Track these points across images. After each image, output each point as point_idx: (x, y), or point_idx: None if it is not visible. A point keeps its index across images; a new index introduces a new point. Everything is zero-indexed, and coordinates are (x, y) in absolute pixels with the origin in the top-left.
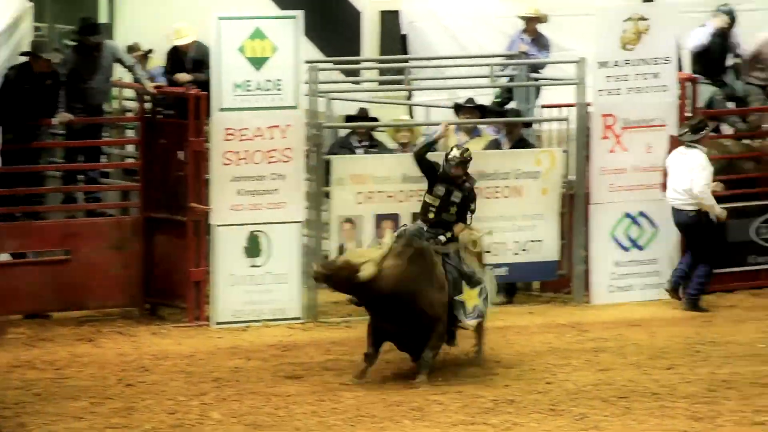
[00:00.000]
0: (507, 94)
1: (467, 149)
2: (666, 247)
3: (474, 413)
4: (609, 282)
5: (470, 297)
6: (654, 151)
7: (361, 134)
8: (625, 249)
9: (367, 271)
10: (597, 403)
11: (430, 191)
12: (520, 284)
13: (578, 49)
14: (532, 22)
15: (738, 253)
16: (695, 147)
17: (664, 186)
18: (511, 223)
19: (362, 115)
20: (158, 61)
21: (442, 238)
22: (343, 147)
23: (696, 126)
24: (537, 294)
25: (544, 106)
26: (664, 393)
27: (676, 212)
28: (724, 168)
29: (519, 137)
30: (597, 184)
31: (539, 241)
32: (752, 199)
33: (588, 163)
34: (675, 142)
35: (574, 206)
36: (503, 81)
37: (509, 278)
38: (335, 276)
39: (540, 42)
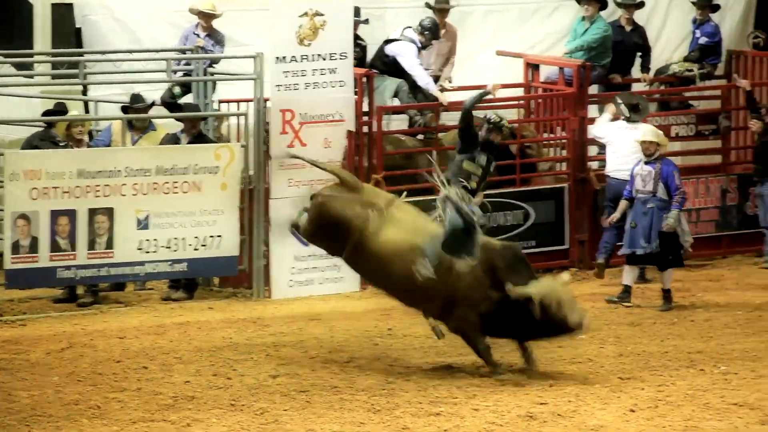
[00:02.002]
0: (184, 88)
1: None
2: None
3: (153, 410)
4: (289, 277)
5: None
6: (333, 146)
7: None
8: (305, 244)
9: None
10: (277, 397)
11: (471, 159)
12: (200, 280)
13: (256, 44)
14: (207, 18)
15: None
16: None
17: None
18: (191, 218)
19: (61, 110)
20: None
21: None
22: (44, 140)
23: (636, 106)
24: (217, 289)
25: (221, 101)
26: (344, 386)
27: (620, 183)
28: (399, 163)
29: (198, 132)
30: (276, 178)
31: (219, 236)
32: (429, 194)
33: (267, 158)
34: (352, 137)
35: (254, 201)
36: (180, 75)
37: (189, 274)
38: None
39: (215, 37)
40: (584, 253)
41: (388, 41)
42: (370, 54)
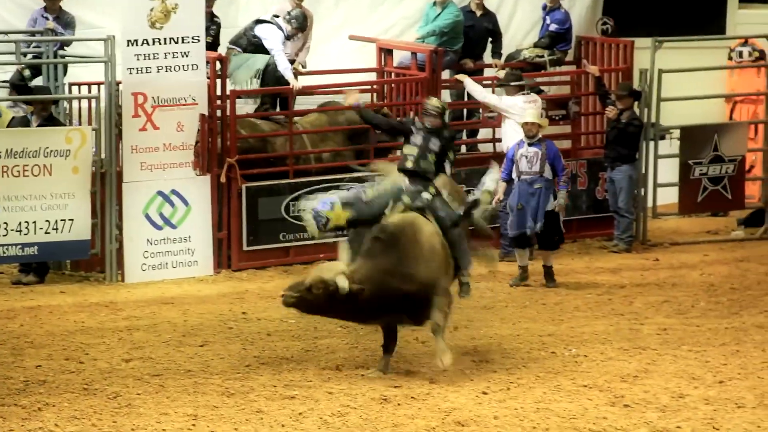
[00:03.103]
0: (34, 71)
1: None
2: (199, 225)
3: (4, 395)
4: (142, 260)
5: None
6: (186, 129)
7: None
8: (158, 227)
9: (342, 282)
10: (131, 381)
11: (407, 141)
12: (51, 263)
13: (107, 27)
14: (52, 0)
15: (270, 231)
16: None
17: (196, 163)
18: (41, 202)
19: None
20: None
21: (425, 196)
22: None
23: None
24: (69, 273)
25: (72, 84)
26: (198, 370)
27: None
28: (254, 147)
29: (48, 115)
30: (129, 162)
31: (71, 220)
32: (282, 178)
33: (119, 141)
34: (205, 121)
35: (106, 185)
36: (29, 58)
37: (40, 257)
38: (308, 297)
39: (64, 19)
40: None
41: (258, 21)
42: (224, 33)
